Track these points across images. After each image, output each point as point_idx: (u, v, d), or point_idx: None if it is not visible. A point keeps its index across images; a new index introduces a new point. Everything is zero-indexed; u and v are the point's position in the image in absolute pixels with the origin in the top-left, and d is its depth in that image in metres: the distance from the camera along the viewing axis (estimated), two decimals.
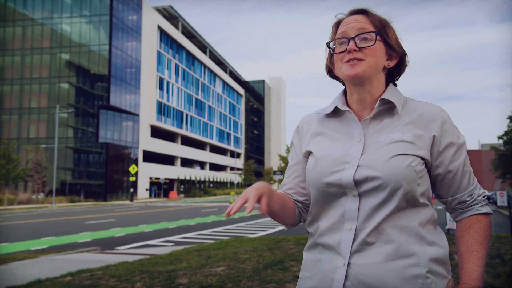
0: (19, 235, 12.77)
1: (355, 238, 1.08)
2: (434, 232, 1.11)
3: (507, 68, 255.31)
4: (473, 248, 1.08)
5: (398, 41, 1.20)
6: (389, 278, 1.03)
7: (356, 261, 1.07)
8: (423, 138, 1.11)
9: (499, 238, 8.27)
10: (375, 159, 1.09)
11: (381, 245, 1.06)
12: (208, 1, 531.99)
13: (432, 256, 1.06)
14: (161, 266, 6.07)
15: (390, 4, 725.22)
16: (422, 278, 1.03)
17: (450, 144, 1.12)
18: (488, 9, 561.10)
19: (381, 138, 1.12)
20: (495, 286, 4.40)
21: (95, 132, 40.39)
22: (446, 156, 1.12)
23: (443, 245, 1.10)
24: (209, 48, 68.71)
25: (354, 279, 1.06)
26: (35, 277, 5.66)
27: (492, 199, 39.54)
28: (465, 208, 1.15)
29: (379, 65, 1.16)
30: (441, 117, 1.13)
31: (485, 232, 1.11)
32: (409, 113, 1.15)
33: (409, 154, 1.08)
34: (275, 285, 4.66)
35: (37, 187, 35.76)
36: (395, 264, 1.04)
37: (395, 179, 1.05)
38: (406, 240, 1.06)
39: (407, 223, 1.07)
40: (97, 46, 41.35)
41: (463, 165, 1.13)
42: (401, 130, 1.12)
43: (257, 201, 1.06)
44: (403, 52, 1.21)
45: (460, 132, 1.15)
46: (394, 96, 1.17)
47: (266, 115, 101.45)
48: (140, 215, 21.19)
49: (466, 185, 1.14)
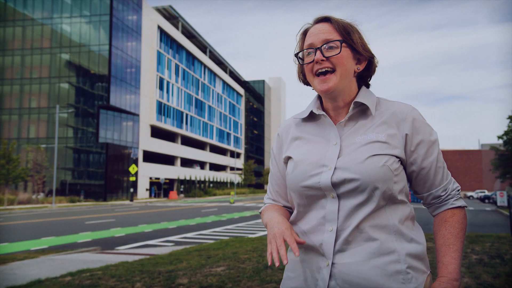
0: (19, 235, 12.77)
1: (337, 239, 1.12)
2: (412, 228, 1.16)
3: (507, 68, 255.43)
4: (449, 241, 1.12)
5: (365, 45, 1.22)
6: (372, 275, 1.07)
7: (340, 261, 1.11)
8: (397, 137, 1.15)
9: (499, 238, 8.27)
10: (351, 161, 1.12)
11: (363, 244, 1.10)
12: (208, 1, 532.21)
13: (411, 252, 1.10)
14: (161, 266, 6.07)
15: (391, 4, 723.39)
16: (403, 274, 1.07)
17: (422, 142, 1.16)
18: (488, 9, 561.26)
19: (357, 139, 1.16)
20: (495, 286, 4.40)
21: (95, 132, 40.40)
22: (419, 153, 1.16)
23: (421, 242, 1.15)
24: (209, 48, 68.71)
25: (338, 278, 1.10)
26: (35, 277, 5.66)
27: (492, 199, 39.54)
28: (441, 202, 1.19)
29: (349, 72, 1.20)
30: (412, 116, 1.16)
31: (460, 225, 1.14)
32: (382, 114, 1.18)
33: (384, 154, 1.12)
34: (275, 285, 4.66)
35: (37, 187, 35.73)
36: (377, 261, 1.08)
37: (372, 179, 1.09)
38: (387, 238, 1.10)
39: (387, 221, 1.11)
40: (97, 46, 41.35)
41: (436, 161, 1.17)
42: (375, 130, 1.16)
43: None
44: (370, 55, 1.23)
45: (433, 129, 1.19)
46: (366, 98, 1.20)
47: (266, 115, 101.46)
48: (140, 215, 21.19)
49: (440, 181, 1.18)
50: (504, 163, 41.58)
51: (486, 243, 7.44)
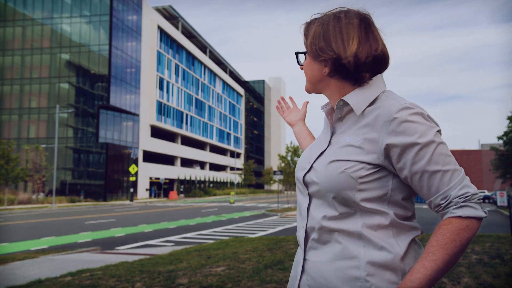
0: (19, 235, 12.77)
1: (307, 236, 1.15)
2: (390, 237, 1.06)
3: (507, 68, 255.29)
4: (431, 249, 0.97)
5: (322, 47, 1.13)
6: (332, 277, 1.07)
7: (310, 258, 1.14)
8: (376, 142, 1.06)
9: (499, 238, 8.27)
10: (320, 163, 1.13)
11: (331, 245, 1.10)
12: (208, 1, 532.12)
13: (375, 261, 1.03)
14: (161, 266, 6.07)
15: (392, 4, 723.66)
16: (361, 281, 1.03)
17: (410, 145, 1.02)
18: (488, 10, 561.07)
19: (341, 139, 1.14)
20: (495, 286, 4.40)
21: (95, 132, 40.39)
22: (407, 158, 1.03)
23: (395, 251, 1.04)
24: (209, 48, 68.71)
25: (308, 274, 1.13)
26: (35, 277, 5.66)
27: (492, 199, 39.54)
28: (442, 210, 1.03)
29: (315, 77, 1.19)
30: (397, 117, 1.03)
31: (452, 236, 0.97)
32: (370, 114, 1.10)
33: (348, 160, 1.07)
34: (275, 285, 4.66)
35: (37, 187, 35.74)
36: (339, 264, 1.07)
37: (329, 185, 1.09)
38: (352, 243, 1.07)
39: (353, 227, 1.07)
40: (97, 46, 41.35)
41: (428, 166, 1.01)
42: (355, 133, 1.11)
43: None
44: (330, 56, 1.12)
45: (429, 129, 1.03)
46: (354, 97, 1.12)
47: (266, 115, 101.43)
48: (140, 215, 21.18)
49: (438, 187, 1.02)
50: (504, 163, 41.58)
51: (486, 243, 7.43)
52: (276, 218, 18.62)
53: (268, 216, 20.22)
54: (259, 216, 19.98)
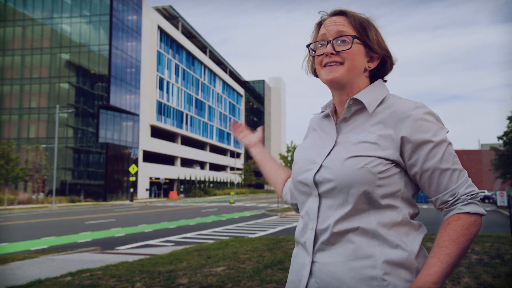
0: (19, 235, 12.77)
1: (316, 238, 1.12)
2: (403, 235, 1.07)
3: (507, 68, 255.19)
4: (444, 244, 1.00)
5: (381, 42, 1.17)
6: (346, 278, 1.05)
7: (319, 260, 1.11)
8: (391, 138, 1.08)
9: (499, 238, 8.27)
10: (334, 160, 1.11)
11: (343, 245, 1.08)
12: (208, 1, 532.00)
13: (391, 259, 1.04)
14: (161, 266, 6.07)
15: (392, 4, 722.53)
16: (378, 280, 1.02)
17: (424, 142, 1.06)
18: (488, 10, 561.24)
19: (351, 138, 1.13)
20: (495, 286, 4.40)
21: (95, 132, 40.40)
22: (420, 155, 1.07)
23: (410, 249, 1.05)
24: (209, 48, 68.71)
25: (317, 277, 1.10)
26: (35, 277, 5.65)
27: (492, 199, 39.55)
28: (449, 207, 1.08)
29: (358, 68, 1.16)
30: (413, 115, 1.07)
31: (463, 230, 1.01)
32: (382, 112, 1.12)
33: (367, 155, 1.07)
34: (275, 285, 4.66)
35: (37, 187, 35.73)
36: (353, 265, 1.05)
37: (348, 181, 1.07)
38: (366, 242, 1.06)
39: (368, 225, 1.06)
40: (97, 46, 41.35)
41: (440, 163, 1.06)
42: (368, 130, 1.12)
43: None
44: (385, 54, 1.18)
45: (441, 129, 1.08)
46: (366, 95, 1.15)
47: (266, 115, 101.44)
48: (140, 215, 21.18)
49: (447, 184, 1.07)
50: (504, 163, 41.56)
51: (486, 243, 7.44)
52: (276, 218, 18.62)
53: (268, 216, 20.22)
54: (259, 216, 19.98)
